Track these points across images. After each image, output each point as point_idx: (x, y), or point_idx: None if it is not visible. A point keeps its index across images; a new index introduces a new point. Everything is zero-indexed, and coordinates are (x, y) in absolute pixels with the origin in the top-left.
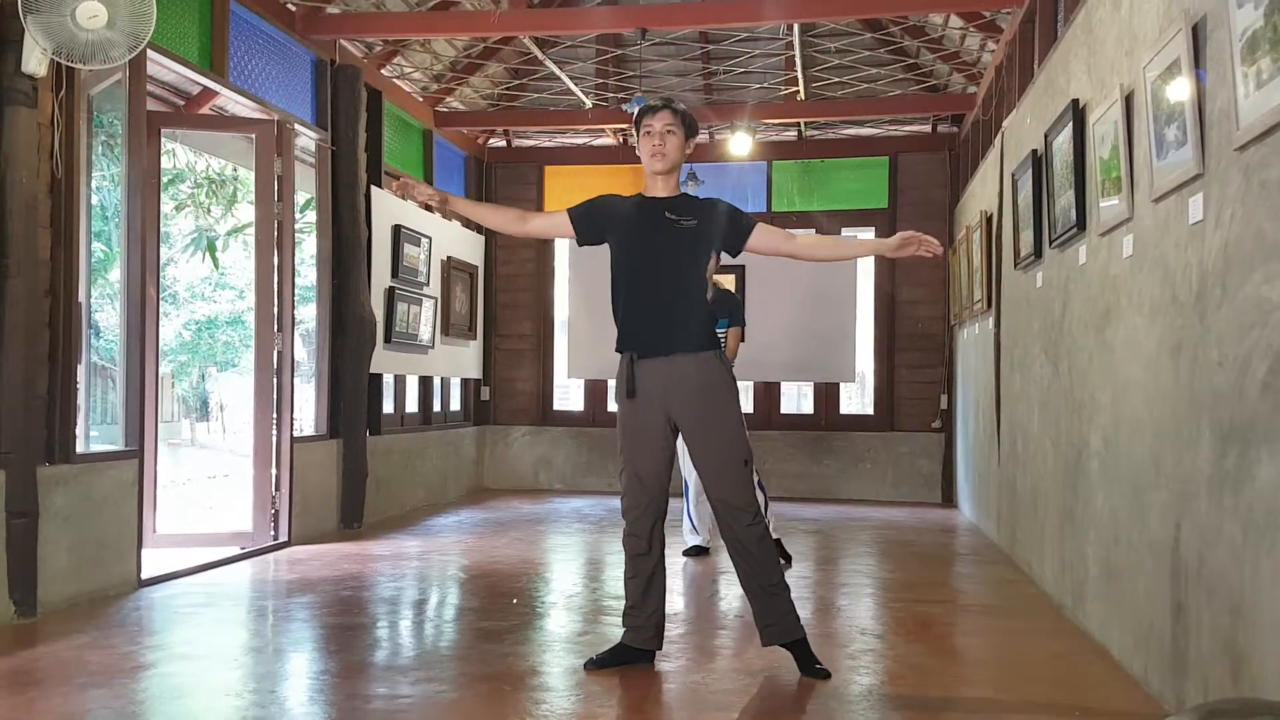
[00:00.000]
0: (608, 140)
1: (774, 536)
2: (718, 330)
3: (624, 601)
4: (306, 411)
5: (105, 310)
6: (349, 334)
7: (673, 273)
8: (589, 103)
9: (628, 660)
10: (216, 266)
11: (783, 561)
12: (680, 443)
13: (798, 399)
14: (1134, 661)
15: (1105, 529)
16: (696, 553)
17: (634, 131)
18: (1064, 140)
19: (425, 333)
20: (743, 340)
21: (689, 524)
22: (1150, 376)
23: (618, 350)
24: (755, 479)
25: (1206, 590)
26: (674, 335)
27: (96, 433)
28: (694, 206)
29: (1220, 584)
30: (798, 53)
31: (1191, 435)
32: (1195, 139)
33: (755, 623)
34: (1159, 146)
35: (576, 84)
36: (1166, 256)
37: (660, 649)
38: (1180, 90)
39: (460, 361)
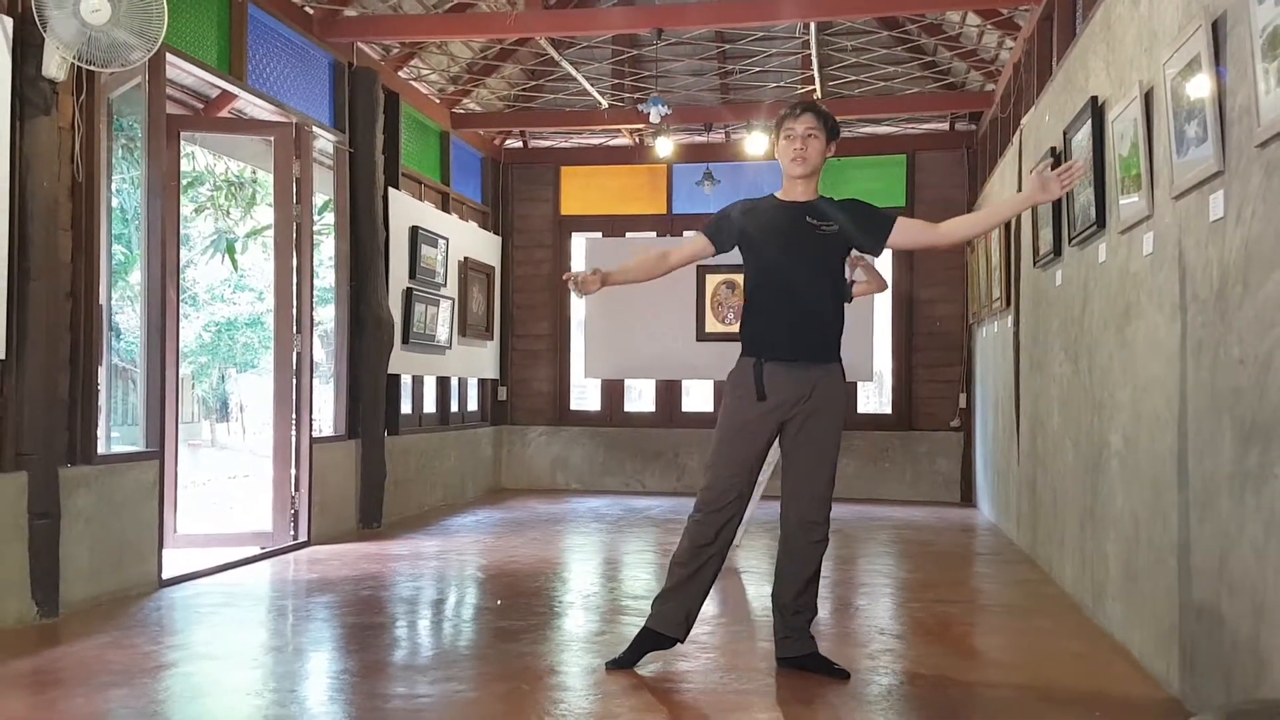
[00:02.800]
0: (624, 140)
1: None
2: None
3: (663, 585)
4: (325, 412)
5: (126, 312)
6: (367, 335)
7: (814, 280)
8: (605, 103)
9: (649, 648)
10: (236, 268)
11: None
12: None
13: None
14: (1156, 662)
15: (1126, 528)
16: None
17: (775, 134)
18: (1083, 137)
19: (443, 333)
20: None
21: None
22: (1171, 375)
23: (747, 354)
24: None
25: (1228, 590)
26: (809, 343)
27: (117, 434)
28: (833, 210)
29: (1242, 584)
30: (814, 51)
31: (1213, 434)
32: (1216, 136)
33: (773, 634)
34: (1179, 143)
35: (592, 84)
36: (1187, 254)
37: (683, 641)
38: (1200, 87)
39: (477, 362)
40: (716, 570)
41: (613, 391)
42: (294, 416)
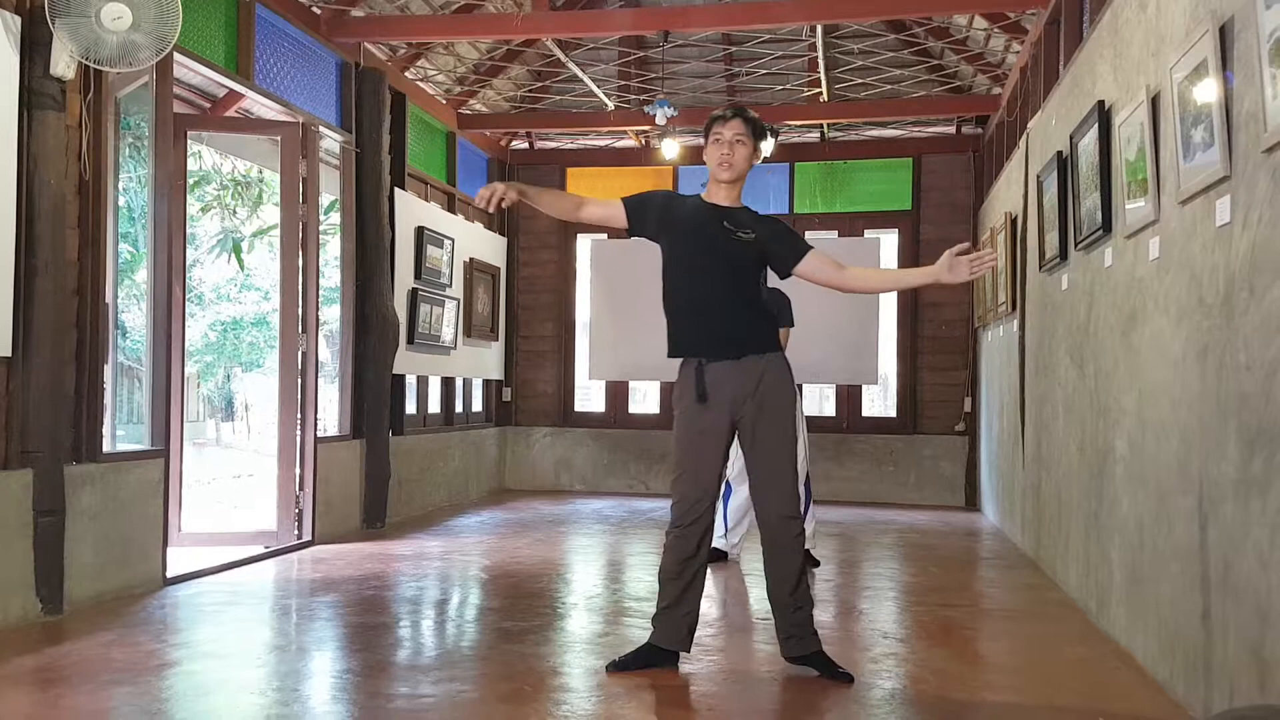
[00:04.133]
0: (630, 142)
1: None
2: None
3: (656, 602)
4: (330, 412)
5: (132, 311)
6: (372, 335)
7: (728, 281)
8: (611, 104)
9: (652, 662)
10: (242, 268)
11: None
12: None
13: (819, 401)
14: (1159, 667)
15: (1130, 533)
16: (715, 556)
17: (704, 137)
18: (1089, 142)
19: (448, 334)
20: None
21: (722, 527)
22: (1176, 380)
23: (675, 355)
24: (805, 480)
25: (1233, 596)
26: (741, 338)
27: (123, 432)
28: (752, 221)
29: (1247, 589)
30: (820, 54)
31: (1218, 439)
32: (1222, 141)
33: (776, 633)
34: (1185, 148)
35: (599, 86)
36: (1193, 259)
37: (688, 651)
38: (1207, 92)
39: (482, 362)
40: (705, 577)
41: (617, 393)
42: (299, 416)
